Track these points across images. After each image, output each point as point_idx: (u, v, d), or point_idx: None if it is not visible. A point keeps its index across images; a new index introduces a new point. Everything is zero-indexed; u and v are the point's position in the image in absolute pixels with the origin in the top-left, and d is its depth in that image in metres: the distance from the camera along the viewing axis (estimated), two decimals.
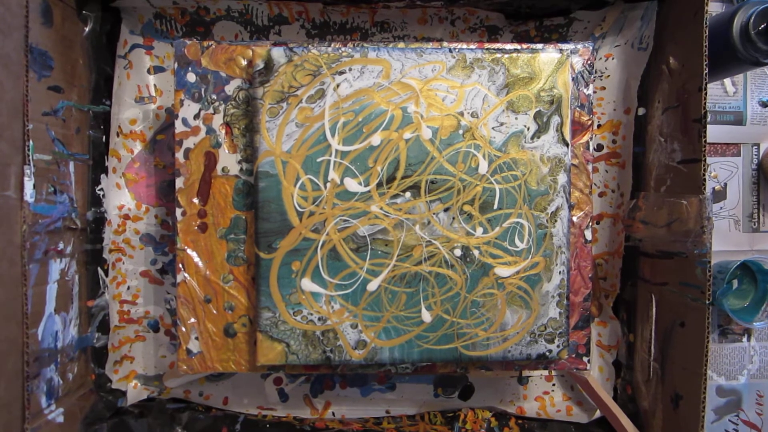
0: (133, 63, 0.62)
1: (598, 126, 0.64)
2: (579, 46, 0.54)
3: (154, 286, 0.63)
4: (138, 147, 0.63)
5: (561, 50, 0.53)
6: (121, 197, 0.62)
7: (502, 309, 0.53)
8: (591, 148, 0.56)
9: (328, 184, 0.51)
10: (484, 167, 0.52)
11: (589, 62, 0.55)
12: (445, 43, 0.53)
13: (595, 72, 0.63)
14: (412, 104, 0.51)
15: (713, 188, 0.67)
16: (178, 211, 0.53)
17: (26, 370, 0.47)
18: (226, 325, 0.54)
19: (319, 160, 0.51)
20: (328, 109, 0.51)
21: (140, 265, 0.63)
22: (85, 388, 0.59)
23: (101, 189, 0.61)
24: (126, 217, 0.62)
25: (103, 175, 0.61)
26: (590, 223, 0.56)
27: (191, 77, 0.53)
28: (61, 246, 0.54)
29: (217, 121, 0.53)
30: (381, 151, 0.51)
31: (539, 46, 0.53)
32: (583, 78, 0.55)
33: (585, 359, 0.56)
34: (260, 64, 0.51)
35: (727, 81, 0.67)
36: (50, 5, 0.52)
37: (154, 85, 0.63)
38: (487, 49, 0.52)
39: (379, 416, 0.65)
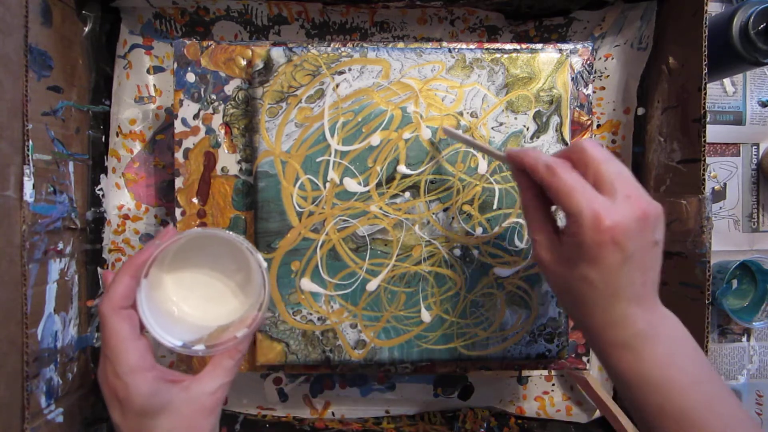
0: (133, 63, 0.62)
1: (598, 126, 0.64)
2: (578, 46, 0.54)
3: None
4: (137, 147, 0.63)
5: (560, 50, 0.53)
6: (120, 197, 0.62)
7: (501, 309, 0.53)
8: None
9: (328, 184, 0.51)
10: (483, 167, 0.52)
11: (588, 62, 0.55)
12: (444, 43, 0.53)
13: (595, 72, 0.63)
14: (412, 104, 0.51)
15: (713, 188, 0.67)
16: (178, 211, 0.53)
17: (26, 370, 0.47)
18: None
19: (318, 160, 0.51)
20: (327, 109, 0.51)
21: None
22: (85, 388, 0.58)
23: (101, 189, 0.61)
24: (126, 217, 0.62)
25: (102, 175, 0.61)
26: None
27: (191, 77, 0.53)
28: (60, 246, 0.54)
29: (217, 121, 0.53)
30: (380, 151, 0.51)
31: (539, 46, 0.53)
32: (582, 78, 0.55)
33: (584, 359, 0.56)
34: (260, 64, 0.51)
35: (727, 81, 0.67)
36: (50, 5, 0.52)
37: (154, 85, 0.63)
38: (486, 49, 0.52)
39: (378, 416, 0.65)
